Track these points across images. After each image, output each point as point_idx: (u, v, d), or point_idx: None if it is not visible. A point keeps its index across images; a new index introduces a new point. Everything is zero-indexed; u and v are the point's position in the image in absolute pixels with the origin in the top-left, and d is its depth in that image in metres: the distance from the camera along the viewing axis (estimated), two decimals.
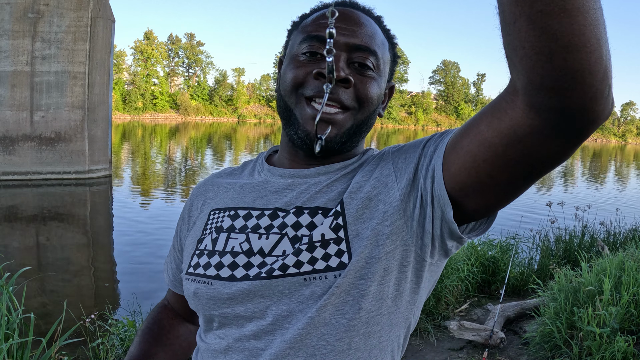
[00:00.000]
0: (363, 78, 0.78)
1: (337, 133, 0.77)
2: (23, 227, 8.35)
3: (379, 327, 0.71)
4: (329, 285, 0.68)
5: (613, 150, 56.75)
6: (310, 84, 0.77)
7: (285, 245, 0.73)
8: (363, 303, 0.69)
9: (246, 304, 0.72)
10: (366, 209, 0.72)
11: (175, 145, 28.75)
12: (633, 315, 3.49)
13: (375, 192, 0.73)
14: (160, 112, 64.35)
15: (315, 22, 0.80)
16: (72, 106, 12.35)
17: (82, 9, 12.18)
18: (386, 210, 0.71)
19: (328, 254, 0.70)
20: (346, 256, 0.69)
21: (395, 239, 0.70)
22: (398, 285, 0.72)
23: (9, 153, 11.89)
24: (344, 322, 0.69)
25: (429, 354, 3.71)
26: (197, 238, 0.84)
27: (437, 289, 4.28)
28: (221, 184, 0.90)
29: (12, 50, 11.73)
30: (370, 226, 0.71)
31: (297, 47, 0.80)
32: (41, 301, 4.82)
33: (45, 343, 2.70)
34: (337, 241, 0.70)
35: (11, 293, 2.91)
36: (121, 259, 6.60)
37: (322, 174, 0.81)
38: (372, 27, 0.81)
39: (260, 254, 0.74)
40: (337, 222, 0.72)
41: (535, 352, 3.60)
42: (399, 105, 78.75)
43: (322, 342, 0.69)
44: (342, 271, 0.68)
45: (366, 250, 0.69)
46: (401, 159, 0.76)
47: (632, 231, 6.49)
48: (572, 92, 0.48)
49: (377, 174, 0.76)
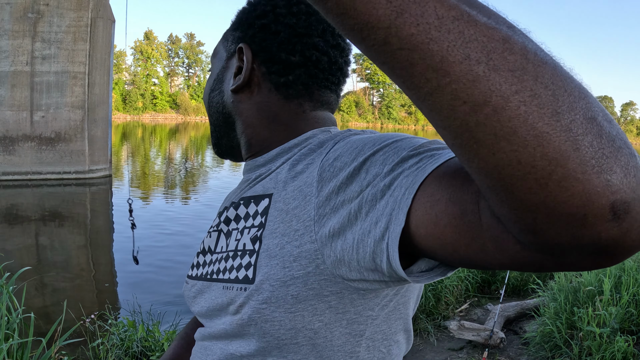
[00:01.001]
0: None
1: (214, 143, 0.83)
2: (23, 227, 8.35)
3: (299, 356, 0.61)
4: (236, 298, 0.63)
5: None
6: None
7: (222, 241, 0.73)
8: (267, 328, 0.60)
9: (195, 305, 0.76)
10: (281, 222, 0.60)
11: (175, 145, 28.75)
12: (633, 315, 3.50)
13: (293, 205, 0.59)
14: (160, 112, 64.38)
15: None
16: (72, 106, 12.35)
17: (82, 9, 12.19)
18: (297, 229, 0.58)
19: (240, 265, 0.65)
20: (251, 270, 0.62)
21: (305, 265, 0.57)
22: (321, 316, 0.59)
23: (9, 153, 11.89)
24: (253, 340, 0.62)
25: (429, 354, 3.71)
26: None
27: (437, 289, 4.28)
28: None
29: (12, 50, 11.73)
30: (279, 243, 0.59)
31: None
32: (41, 301, 4.82)
33: (45, 343, 2.70)
34: (251, 253, 0.63)
35: (11, 293, 2.91)
36: (121, 259, 6.60)
37: (260, 165, 0.73)
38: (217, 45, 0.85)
39: (209, 252, 0.76)
40: (257, 234, 0.63)
41: (535, 352, 3.60)
42: (399, 105, 78.77)
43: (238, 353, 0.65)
44: (246, 286, 0.62)
45: (271, 271, 0.59)
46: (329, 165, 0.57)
47: None
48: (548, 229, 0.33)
49: (301, 181, 0.60)
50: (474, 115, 0.31)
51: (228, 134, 0.79)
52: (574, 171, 0.30)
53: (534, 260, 0.37)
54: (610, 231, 0.32)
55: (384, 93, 77.50)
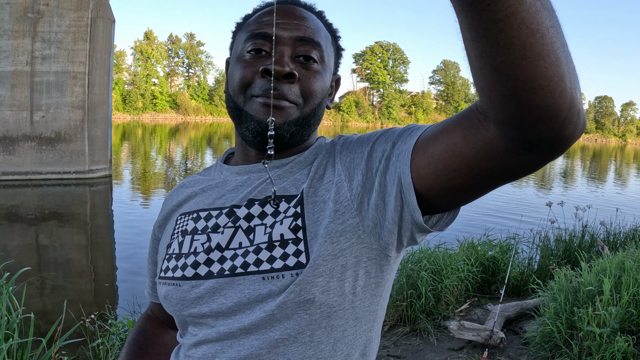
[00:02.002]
0: (308, 72, 0.79)
1: (284, 121, 0.78)
2: (23, 227, 8.35)
3: (342, 321, 0.73)
4: (287, 283, 0.70)
5: (613, 151, 56.73)
6: (257, 83, 0.78)
7: (240, 237, 0.76)
8: (323, 299, 0.71)
9: (210, 303, 0.75)
10: (321, 211, 0.74)
11: (175, 145, 28.76)
12: (633, 315, 3.49)
13: (328, 195, 0.75)
14: (160, 112, 64.36)
15: (257, 20, 0.82)
16: (72, 106, 12.36)
17: (82, 9, 12.19)
18: (337, 209, 0.73)
19: (286, 254, 0.72)
20: (304, 256, 0.71)
21: (349, 237, 0.72)
22: (359, 280, 0.74)
23: (9, 153, 11.89)
24: (305, 317, 0.71)
25: (429, 354, 3.71)
26: (167, 243, 0.87)
27: (437, 289, 4.28)
28: (186, 192, 0.92)
29: (12, 50, 11.74)
30: (323, 225, 0.72)
31: (242, 46, 0.82)
32: (41, 301, 4.82)
33: (45, 343, 2.70)
34: (296, 242, 0.72)
35: (11, 293, 2.91)
36: (121, 259, 6.60)
37: (276, 167, 0.82)
38: (314, 21, 0.82)
39: (218, 249, 0.76)
40: (297, 223, 0.74)
41: (535, 352, 3.60)
42: (399, 105, 78.79)
43: (285, 336, 0.71)
44: (299, 270, 0.70)
45: (322, 249, 0.71)
46: (349, 157, 0.77)
47: (632, 231, 6.49)
48: (540, 125, 0.51)
49: (329, 176, 0.78)
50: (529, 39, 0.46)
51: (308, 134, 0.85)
52: (568, 87, 0.49)
53: (508, 155, 0.57)
54: (572, 129, 0.52)
55: (384, 93, 77.51)
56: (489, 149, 0.58)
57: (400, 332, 4.04)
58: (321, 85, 0.81)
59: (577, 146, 59.04)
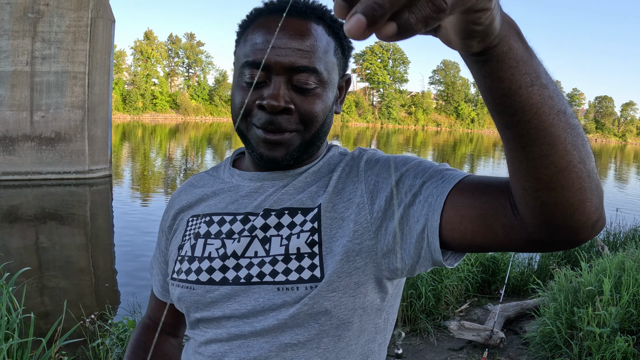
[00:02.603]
0: (306, 98, 0.77)
1: (286, 152, 0.79)
2: (23, 227, 8.35)
3: (349, 332, 0.77)
4: (301, 295, 0.73)
5: (613, 151, 56.73)
6: (256, 114, 0.78)
7: (256, 246, 0.78)
8: (335, 312, 0.74)
9: (224, 308, 0.77)
10: (339, 228, 0.76)
11: (175, 145, 28.76)
12: (633, 315, 3.50)
13: (347, 213, 0.76)
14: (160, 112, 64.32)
15: (252, 42, 0.78)
16: (72, 106, 12.35)
17: (82, 9, 12.18)
18: (356, 230, 0.75)
19: (302, 267, 0.74)
20: (318, 270, 0.74)
21: (364, 257, 0.75)
22: (368, 297, 0.77)
23: (9, 153, 11.89)
24: (316, 326, 0.74)
25: (429, 354, 3.71)
26: (178, 245, 0.87)
27: (437, 289, 4.28)
28: (196, 193, 0.92)
29: (12, 50, 11.73)
30: (341, 243, 0.75)
31: (239, 71, 0.80)
32: (41, 301, 4.82)
33: (45, 343, 2.70)
34: (311, 256, 0.75)
35: (11, 293, 2.91)
36: (121, 259, 6.60)
37: (290, 176, 0.84)
38: (312, 37, 0.77)
39: (233, 256, 0.78)
40: (313, 238, 0.76)
41: (535, 352, 3.60)
42: (399, 105, 78.78)
43: (294, 341, 0.74)
44: (314, 284, 0.73)
45: (338, 266, 0.74)
46: (373, 180, 0.78)
47: (632, 231, 6.49)
48: (563, 234, 0.56)
49: (350, 193, 0.79)
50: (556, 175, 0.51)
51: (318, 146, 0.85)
52: (589, 207, 0.53)
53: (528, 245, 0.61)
54: (587, 234, 0.56)
55: (384, 93, 77.43)
56: (515, 232, 0.61)
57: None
58: (322, 107, 0.79)
59: None
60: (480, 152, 37.03)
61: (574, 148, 0.50)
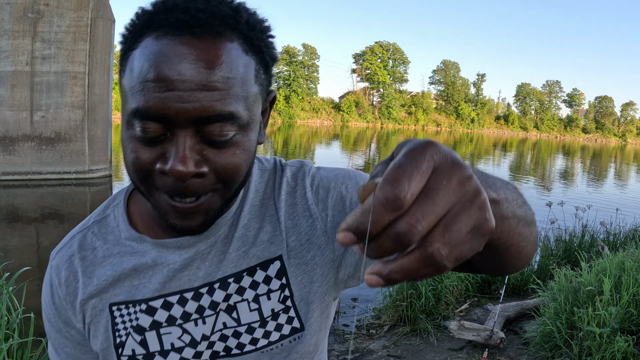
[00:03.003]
0: (222, 151, 0.60)
1: (204, 219, 0.64)
2: (23, 227, 8.35)
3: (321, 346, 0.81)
4: (288, 349, 0.74)
5: (613, 151, 56.69)
6: (158, 178, 0.61)
7: (223, 318, 0.71)
8: (317, 344, 0.78)
9: None
10: (305, 274, 0.74)
11: None
12: (633, 315, 3.50)
13: (309, 256, 0.74)
14: None
15: (143, 81, 0.56)
16: (72, 106, 12.35)
17: (82, 9, 12.18)
18: (323, 272, 0.75)
19: (280, 325, 0.73)
20: (297, 321, 0.74)
21: (334, 293, 0.78)
22: (330, 319, 0.82)
23: (9, 153, 11.89)
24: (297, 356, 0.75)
25: (429, 354, 3.71)
26: (112, 344, 0.71)
27: (437, 289, 4.28)
28: (99, 272, 0.73)
29: (12, 50, 11.73)
30: (312, 290, 0.75)
31: (130, 118, 0.59)
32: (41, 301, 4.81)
33: (45, 343, 2.70)
34: (286, 310, 0.73)
35: (11, 293, 2.91)
36: None
37: (225, 225, 0.72)
38: (223, 63, 0.57)
39: (204, 340, 0.71)
40: (284, 294, 0.73)
41: (535, 352, 3.60)
42: (399, 106, 78.78)
43: None
44: (296, 335, 0.74)
45: (317, 312, 0.75)
46: (328, 214, 0.74)
47: (632, 231, 6.49)
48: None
49: (306, 233, 0.73)
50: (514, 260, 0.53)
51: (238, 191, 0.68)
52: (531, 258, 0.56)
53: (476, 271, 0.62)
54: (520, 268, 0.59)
55: (384, 93, 77.46)
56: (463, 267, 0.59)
57: (400, 332, 4.04)
58: (244, 157, 0.63)
59: (577, 146, 59.01)
60: (481, 152, 37.04)
61: (533, 243, 0.54)
